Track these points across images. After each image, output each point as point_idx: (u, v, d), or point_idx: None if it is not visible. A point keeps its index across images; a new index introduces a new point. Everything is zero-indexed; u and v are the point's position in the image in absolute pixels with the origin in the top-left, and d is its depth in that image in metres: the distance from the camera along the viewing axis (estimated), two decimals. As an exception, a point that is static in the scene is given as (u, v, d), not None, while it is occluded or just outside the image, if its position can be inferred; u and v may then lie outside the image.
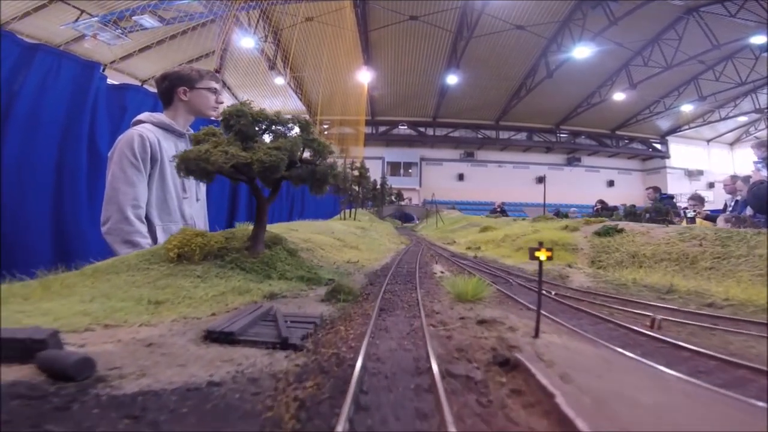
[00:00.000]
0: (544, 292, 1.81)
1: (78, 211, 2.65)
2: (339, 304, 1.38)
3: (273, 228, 2.92)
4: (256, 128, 1.64)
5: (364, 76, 20.32)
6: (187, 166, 1.48)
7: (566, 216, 8.01)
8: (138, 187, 2.21)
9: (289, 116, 1.78)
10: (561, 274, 2.55)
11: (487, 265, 3.03)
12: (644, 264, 2.76)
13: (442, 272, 2.53)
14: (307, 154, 1.79)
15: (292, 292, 1.53)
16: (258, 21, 17.73)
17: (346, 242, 3.59)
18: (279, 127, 1.72)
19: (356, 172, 7.97)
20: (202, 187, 2.69)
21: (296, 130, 1.79)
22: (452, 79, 21.59)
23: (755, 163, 4.56)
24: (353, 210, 7.72)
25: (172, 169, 2.18)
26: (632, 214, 5.27)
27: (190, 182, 2.55)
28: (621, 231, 3.42)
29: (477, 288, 1.51)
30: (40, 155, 2.41)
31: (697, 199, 7.24)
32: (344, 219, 6.92)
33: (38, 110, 2.39)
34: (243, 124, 1.58)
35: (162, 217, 2.39)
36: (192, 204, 2.57)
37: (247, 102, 1.66)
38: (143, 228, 2.22)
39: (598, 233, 3.55)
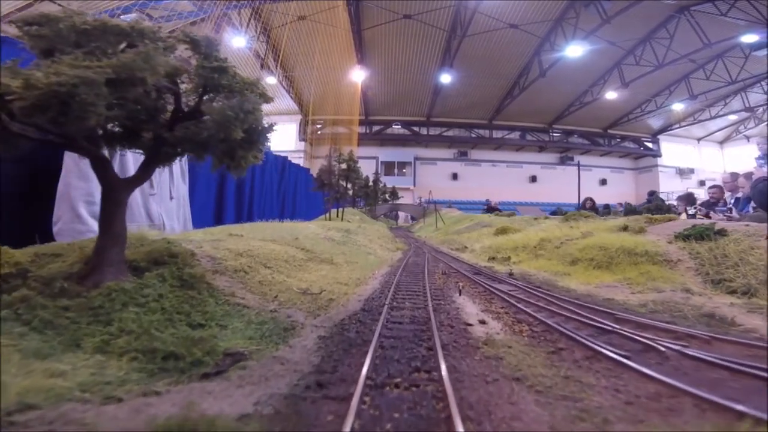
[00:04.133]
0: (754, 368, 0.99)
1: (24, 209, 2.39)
2: None
3: (210, 231, 2.25)
4: (86, 46, 0.88)
5: (358, 75, 20.15)
6: None
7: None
8: (93, 182, 1.91)
9: (161, 28, 1.05)
10: (713, 313, 1.60)
11: (546, 292, 2.06)
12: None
13: (482, 321, 1.47)
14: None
15: (68, 405, 0.72)
16: (249, 20, 17.47)
17: (314, 253, 2.53)
18: (140, 48, 0.93)
19: (344, 166, 6.93)
20: (180, 184, 2.46)
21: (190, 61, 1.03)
22: (446, 78, 21.49)
23: (757, 159, 4.48)
24: (339, 209, 7.14)
25: (135, 161, 1.93)
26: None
27: (161, 178, 2.32)
28: (722, 233, 2.62)
29: None
30: None
31: (686, 199, 7.04)
32: (328, 219, 6.36)
33: None
34: (44, 35, 0.86)
35: None
36: (162, 202, 2.32)
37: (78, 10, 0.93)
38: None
39: (688, 236, 2.70)
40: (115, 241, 1.04)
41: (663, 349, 1.19)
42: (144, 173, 1.11)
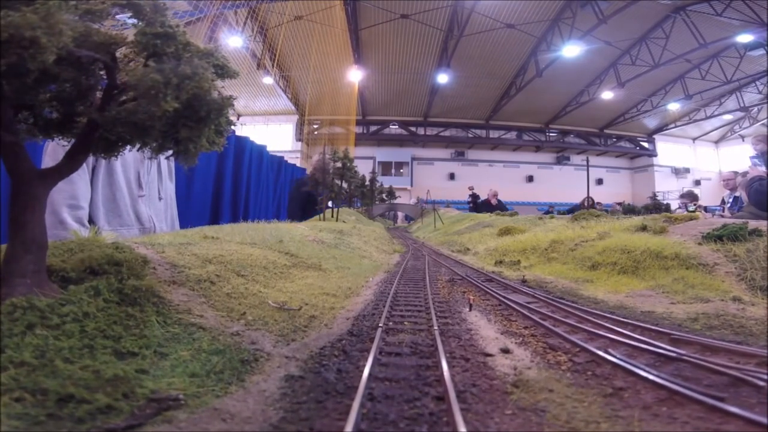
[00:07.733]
0: None
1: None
2: None
3: (183, 233, 2.05)
4: None
5: (355, 75, 20.12)
6: None
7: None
8: (77, 184, 1.82)
9: None
10: None
11: (572, 305, 1.83)
12: None
13: (505, 350, 1.20)
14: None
15: None
16: (246, 19, 17.40)
17: (300, 258, 2.30)
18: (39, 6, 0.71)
19: (339, 164, 6.62)
20: (167, 183, 2.37)
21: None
22: (443, 78, 21.48)
23: (752, 158, 4.49)
24: (333, 208, 6.95)
25: (123, 161, 1.84)
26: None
27: (149, 178, 2.20)
28: (757, 233, 2.38)
29: None
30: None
31: (689, 196, 7.45)
32: (322, 219, 6.16)
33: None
34: None
35: (110, 220, 2.00)
36: (152, 203, 2.21)
37: None
38: (86, 234, 1.84)
39: (720, 237, 2.48)
40: (29, 248, 0.83)
41: (761, 383, 0.90)
42: (70, 163, 0.90)
